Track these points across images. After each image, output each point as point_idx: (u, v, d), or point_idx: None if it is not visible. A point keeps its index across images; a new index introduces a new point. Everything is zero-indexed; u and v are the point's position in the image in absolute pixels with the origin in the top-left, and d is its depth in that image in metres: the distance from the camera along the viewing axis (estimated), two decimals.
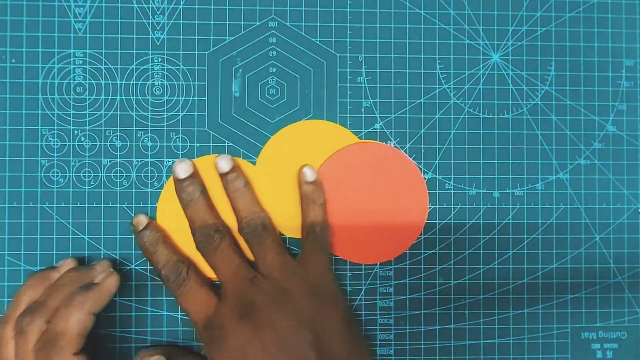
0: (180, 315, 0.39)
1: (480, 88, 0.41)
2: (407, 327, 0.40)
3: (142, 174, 0.39)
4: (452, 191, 0.40)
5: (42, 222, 0.39)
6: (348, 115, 0.40)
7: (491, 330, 0.40)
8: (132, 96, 0.40)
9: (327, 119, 0.40)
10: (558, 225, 0.40)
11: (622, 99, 0.41)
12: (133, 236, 0.38)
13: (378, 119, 0.40)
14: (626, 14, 0.41)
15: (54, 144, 0.39)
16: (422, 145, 0.40)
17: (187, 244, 0.38)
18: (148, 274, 0.39)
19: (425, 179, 0.40)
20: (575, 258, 0.40)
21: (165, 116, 0.40)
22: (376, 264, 0.40)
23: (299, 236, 0.39)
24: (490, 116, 0.41)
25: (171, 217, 0.39)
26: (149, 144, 0.40)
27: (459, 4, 0.41)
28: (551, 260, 0.40)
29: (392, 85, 0.40)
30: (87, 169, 0.39)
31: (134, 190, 0.39)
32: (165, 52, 0.40)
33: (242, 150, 0.40)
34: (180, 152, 0.40)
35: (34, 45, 0.39)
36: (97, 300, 0.34)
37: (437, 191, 0.40)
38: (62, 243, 0.39)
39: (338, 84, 0.40)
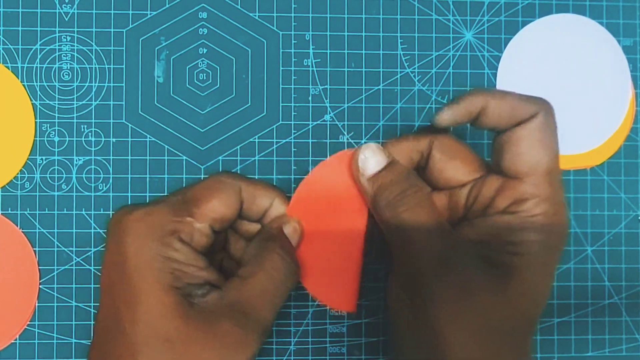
0: None
1: (450, 72, 0.37)
2: (363, 356, 0.36)
3: (48, 175, 0.34)
4: None
5: None
6: (293, 104, 0.36)
7: None
8: (36, 82, 0.35)
9: (267, 108, 0.36)
10: None
11: None
12: None
13: (328, 109, 0.36)
14: None
15: None
16: (381, 141, 0.36)
17: None
18: None
19: None
20: (563, 274, 0.37)
21: (75, 106, 0.35)
22: None
23: None
24: None
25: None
26: (56, 139, 0.35)
27: None
28: None
29: (345, 69, 0.36)
30: None
31: (37, 193, 0.34)
32: (75, 29, 0.35)
33: (166, 146, 0.35)
34: (92, 149, 0.35)
35: None
36: None
37: None
38: None
39: (281, 68, 0.36)
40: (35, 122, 0.34)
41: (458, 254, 0.27)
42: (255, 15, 0.35)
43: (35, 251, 0.34)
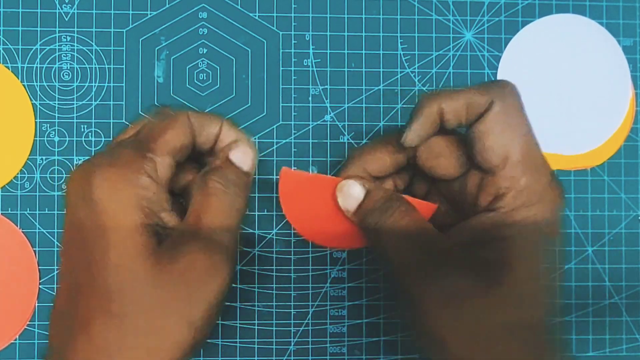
0: None
1: (450, 72, 0.36)
2: (364, 356, 0.35)
3: (48, 175, 0.34)
4: None
5: None
6: (293, 104, 0.36)
7: None
8: (36, 82, 0.35)
9: (267, 108, 0.35)
10: None
11: None
12: None
13: (328, 109, 0.36)
14: None
15: None
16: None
17: None
18: None
19: None
20: (564, 275, 0.37)
21: (75, 106, 0.35)
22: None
23: None
24: None
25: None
26: (56, 139, 0.35)
27: None
28: None
29: (345, 69, 0.36)
30: None
31: (37, 193, 0.34)
32: (75, 29, 0.35)
33: None
34: (92, 149, 0.35)
35: None
36: None
37: None
38: None
39: (281, 68, 0.36)
40: (35, 122, 0.34)
41: (442, 263, 0.27)
42: (255, 15, 0.35)
43: (35, 251, 0.34)
